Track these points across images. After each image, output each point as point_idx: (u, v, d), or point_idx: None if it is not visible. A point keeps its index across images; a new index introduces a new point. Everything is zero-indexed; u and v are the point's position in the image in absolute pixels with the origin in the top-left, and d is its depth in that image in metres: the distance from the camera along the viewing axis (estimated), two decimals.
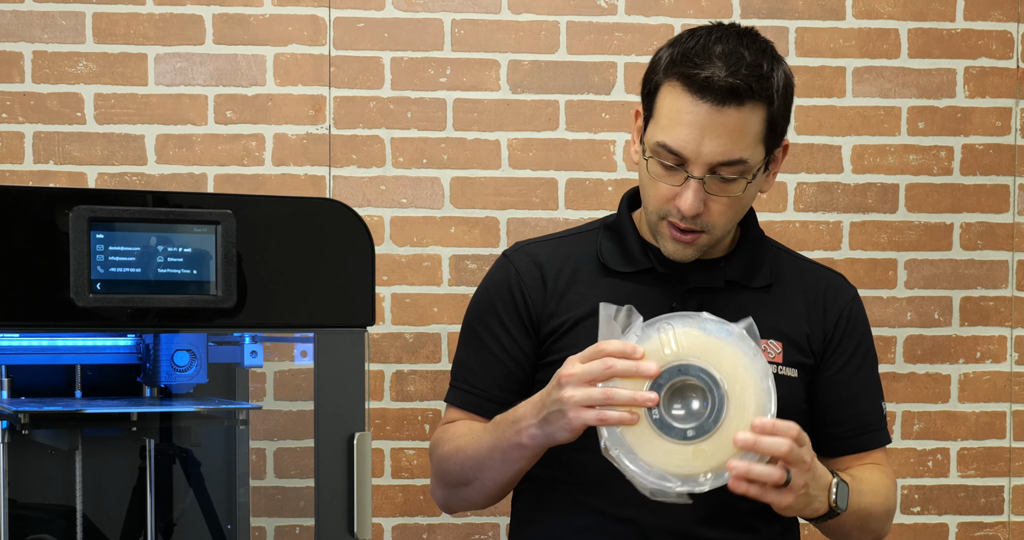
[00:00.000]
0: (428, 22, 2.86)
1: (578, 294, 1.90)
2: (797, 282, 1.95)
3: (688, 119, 1.76)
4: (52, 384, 2.36)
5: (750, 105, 1.77)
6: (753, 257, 1.94)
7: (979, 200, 2.99)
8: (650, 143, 1.80)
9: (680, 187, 1.78)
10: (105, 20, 2.79)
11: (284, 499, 2.84)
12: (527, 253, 1.95)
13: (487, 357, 1.92)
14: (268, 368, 2.81)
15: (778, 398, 1.84)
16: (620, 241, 1.93)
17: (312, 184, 2.84)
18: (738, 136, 1.77)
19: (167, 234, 2.00)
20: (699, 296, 1.88)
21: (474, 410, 1.93)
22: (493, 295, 1.95)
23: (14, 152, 2.77)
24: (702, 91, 1.75)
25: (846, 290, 1.99)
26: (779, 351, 1.90)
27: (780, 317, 1.91)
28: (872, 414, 1.98)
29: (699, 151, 1.76)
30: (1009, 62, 2.98)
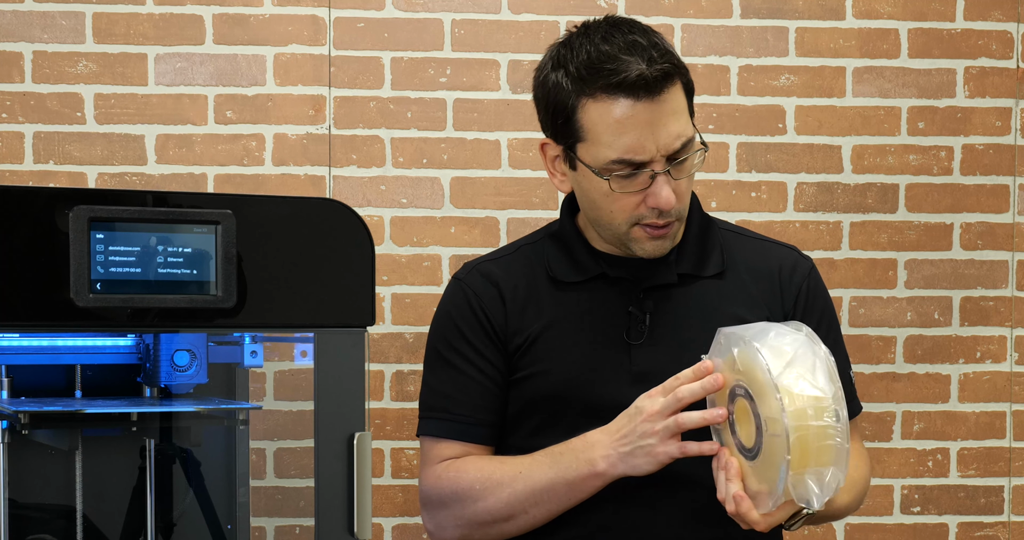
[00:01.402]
0: (428, 22, 2.86)
1: (535, 309, 1.87)
2: (750, 264, 1.92)
3: (632, 123, 1.73)
4: (52, 384, 2.36)
5: (674, 81, 1.75)
6: (702, 245, 1.91)
7: (979, 200, 2.99)
8: (599, 164, 1.75)
9: (648, 186, 1.76)
10: (105, 20, 2.79)
11: (284, 499, 2.84)
12: (480, 272, 1.92)
13: (464, 381, 1.89)
14: (268, 368, 2.81)
15: None
16: (567, 250, 1.90)
17: (312, 184, 2.84)
18: (678, 116, 1.75)
19: (167, 234, 2.00)
20: (654, 294, 1.87)
21: (464, 438, 1.89)
22: (456, 319, 1.90)
23: (14, 152, 2.77)
24: (636, 90, 1.71)
25: (800, 265, 1.95)
26: None
27: (738, 303, 1.89)
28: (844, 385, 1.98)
29: (656, 147, 1.73)
30: (1009, 62, 2.98)
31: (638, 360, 1.85)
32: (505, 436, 1.93)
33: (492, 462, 1.86)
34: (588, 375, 1.84)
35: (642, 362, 1.85)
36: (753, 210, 2.93)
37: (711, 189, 2.90)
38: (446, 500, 1.87)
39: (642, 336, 1.86)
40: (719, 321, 1.86)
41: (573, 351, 1.86)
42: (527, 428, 1.90)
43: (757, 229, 2.92)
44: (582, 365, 1.85)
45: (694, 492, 1.81)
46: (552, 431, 1.87)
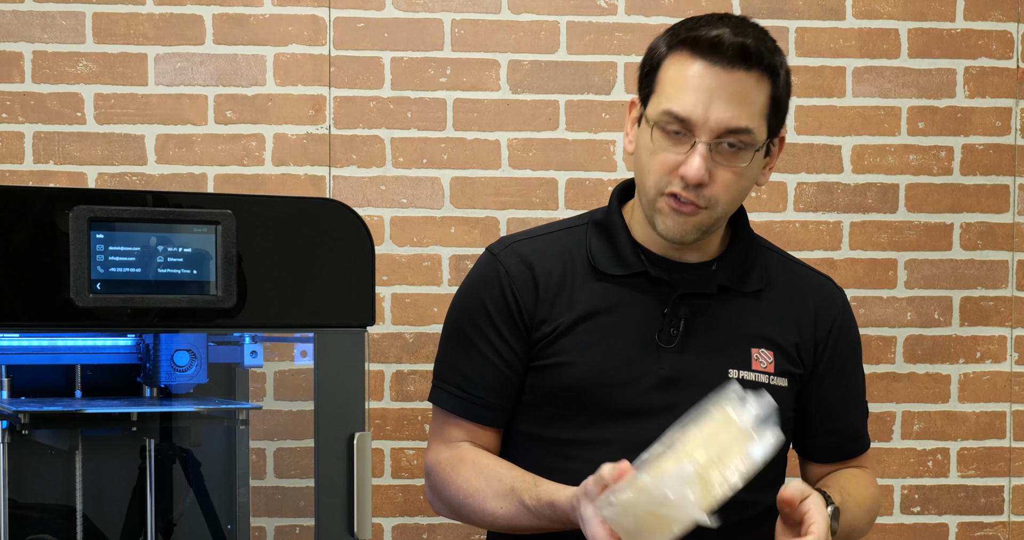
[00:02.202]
0: (428, 22, 2.86)
1: (569, 298, 1.86)
2: (788, 287, 1.93)
3: (696, 83, 1.74)
4: (52, 384, 2.36)
5: (757, 73, 1.76)
6: (744, 260, 1.91)
7: (979, 200, 2.99)
8: (654, 115, 1.77)
9: (686, 154, 1.75)
10: (105, 20, 2.79)
11: (284, 499, 2.84)
12: (516, 252, 1.90)
13: (479, 360, 1.88)
14: (268, 368, 2.81)
15: None
16: (611, 241, 1.89)
17: (312, 184, 2.84)
18: (745, 103, 1.75)
19: (167, 234, 2.00)
20: (690, 301, 1.86)
21: (470, 417, 1.89)
22: (483, 294, 1.89)
23: (14, 152, 2.77)
24: (712, 52, 1.74)
25: (836, 296, 1.97)
26: (771, 360, 1.88)
27: (771, 325, 1.89)
28: (858, 423, 1.99)
29: (707, 116, 1.73)
30: (1009, 62, 2.98)
31: (666, 364, 1.84)
32: (518, 421, 1.91)
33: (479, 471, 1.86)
34: (614, 373, 1.83)
35: (670, 367, 1.83)
36: (753, 210, 2.93)
37: None
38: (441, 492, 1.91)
39: (673, 341, 1.84)
40: (750, 339, 1.85)
41: (602, 346, 1.84)
42: (543, 416, 1.88)
43: (757, 229, 2.91)
44: (609, 362, 1.84)
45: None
46: (568, 423, 1.86)
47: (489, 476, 1.85)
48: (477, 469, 1.86)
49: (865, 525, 1.93)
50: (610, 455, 1.81)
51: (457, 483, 1.87)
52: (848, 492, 1.87)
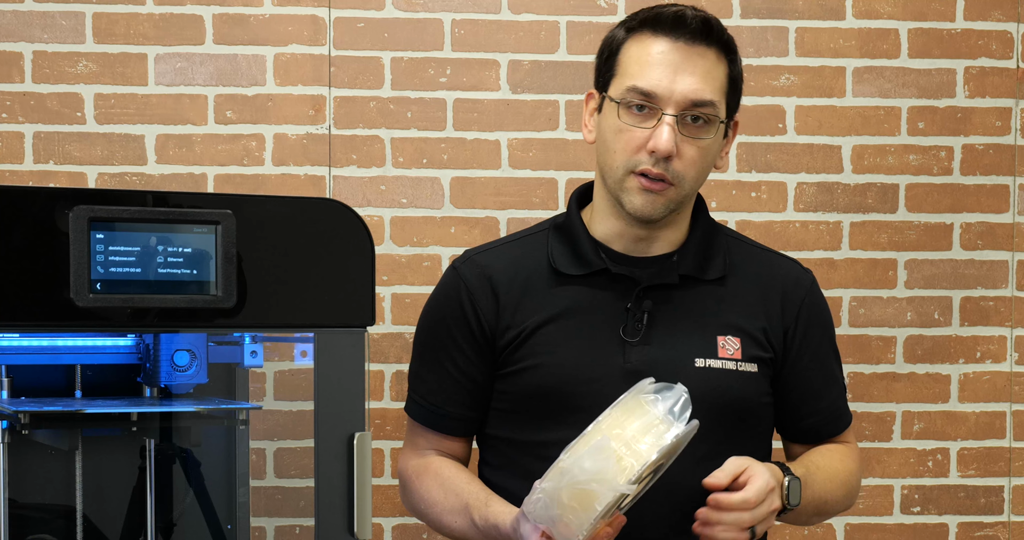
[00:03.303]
0: (428, 22, 2.86)
1: (533, 303, 1.89)
2: (752, 273, 1.94)
3: (660, 58, 1.79)
4: (52, 384, 2.35)
5: (716, 50, 1.82)
6: (706, 248, 1.93)
7: (979, 200, 2.99)
8: (618, 94, 1.81)
9: (652, 129, 1.79)
10: (105, 20, 2.79)
11: (284, 499, 2.84)
12: (476, 264, 1.94)
13: (442, 374, 1.94)
14: (268, 368, 2.81)
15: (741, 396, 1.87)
16: (571, 243, 1.91)
17: (312, 184, 2.84)
18: (708, 77, 1.80)
19: (167, 234, 1.99)
20: (653, 294, 1.87)
21: (434, 427, 1.97)
22: (444, 310, 1.95)
23: (14, 152, 2.77)
24: (674, 28, 1.79)
25: (802, 278, 1.97)
26: (737, 347, 1.89)
27: (737, 311, 1.90)
28: (838, 402, 2.00)
29: (672, 88, 1.78)
30: (1009, 62, 2.98)
31: (632, 358, 1.85)
32: (493, 427, 1.93)
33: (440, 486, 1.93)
34: (580, 371, 1.85)
35: (636, 360, 1.85)
36: (753, 210, 2.93)
37: (711, 189, 2.90)
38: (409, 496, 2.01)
39: (638, 334, 1.86)
40: (715, 326, 1.86)
41: (568, 346, 1.86)
42: (516, 421, 1.90)
43: (757, 229, 2.92)
44: (576, 360, 1.86)
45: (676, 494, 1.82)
46: (540, 425, 1.87)
47: (448, 489, 1.91)
48: (439, 481, 1.93)
49: (841, 497, 1.94)
50: None
51: (420, 492, 1.96)
52: (818, 465, 1.89)
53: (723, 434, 1.86)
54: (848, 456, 1.99)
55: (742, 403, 1.89)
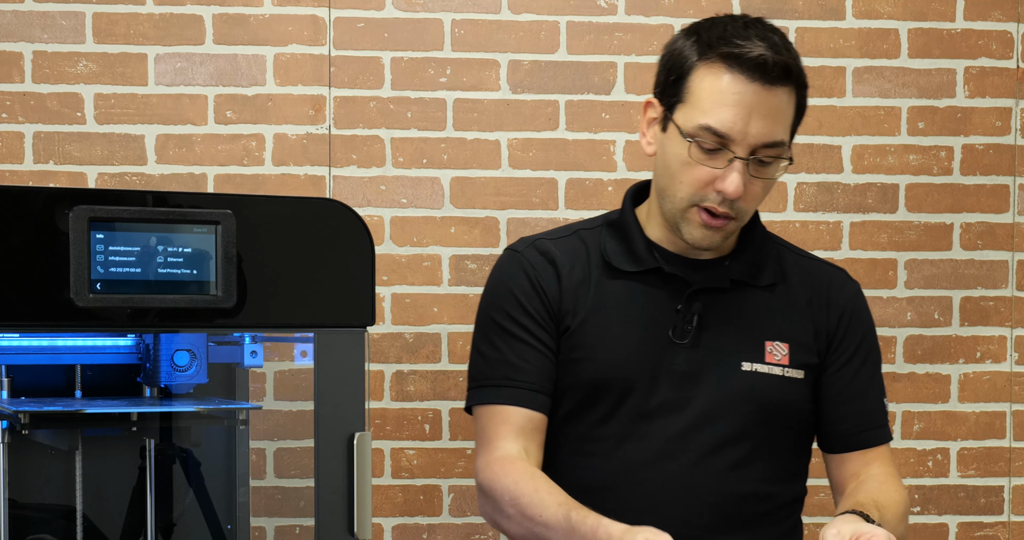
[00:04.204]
0: (428, 22, 2.86)
1: (586, 294, 1.88)
2: (801, 280, 1.94)
3: (736, 99, 1.75)
4: (52, 384, 2.35)
5: (789, 88, 1.78)
6: (757, 255, 1.93)
7: (979, 200, 2.99)
8: (689, 127, 1.77)
9: (722, 170, 1.76)
10: (105, 20, 2.79)
11: (284, 499, 2.84)
12: (537, 249, 1.92)
13: (523, 348, 1.87)
14: (268, 368, 2.81)
15: (785, 402, 1.85)
16: (625, 240, 1.91)
17: (312, 184, 2.84)
18: (780, 117, 1.78)
19: (167, 234, 1.99)
20: (704, 296, 1.87)
21: (525, 404, 1.87)
22: (512, 286, 1.90)
23: (14, 152, 2.77)
24: (753, 71, 1.74)
25: (849, 286, 1.98)
26: (785, 353, 1.89)
27: (786, 317, 1.90)
28: (875, 411, 1.98)
29: (746, 132, 1.75)
30: (1009, 62, 2.98)
31: (680, 360, 1.85)
32: None
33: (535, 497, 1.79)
34: (629, 369, 1.84)
35: (684, 362, 1.85)
36: None
37: None
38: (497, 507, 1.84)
39: (687, 336, 1.85)
40: (764, 332, 1.86)
41: (617, 342, 1.85)
42: (560, 412, 1.89)
43: None
44: (624, 358, 1.85)
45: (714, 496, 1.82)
46: (584, 419, 1.87)
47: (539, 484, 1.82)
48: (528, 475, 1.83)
49: (904, 532, 1.91)
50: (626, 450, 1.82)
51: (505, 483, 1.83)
52: (883, 505, 1.85)
53: (764, 439, 1.86)
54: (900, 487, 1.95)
55: (786, 409, 1.88)
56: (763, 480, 1.88)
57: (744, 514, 1.86)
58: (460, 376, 2.85)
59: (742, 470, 1.84)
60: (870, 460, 1.97)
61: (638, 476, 1.83)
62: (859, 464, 1.96)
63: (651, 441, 1.84)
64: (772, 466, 1.89)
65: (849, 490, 1.93)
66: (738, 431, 1.85)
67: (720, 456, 1.84)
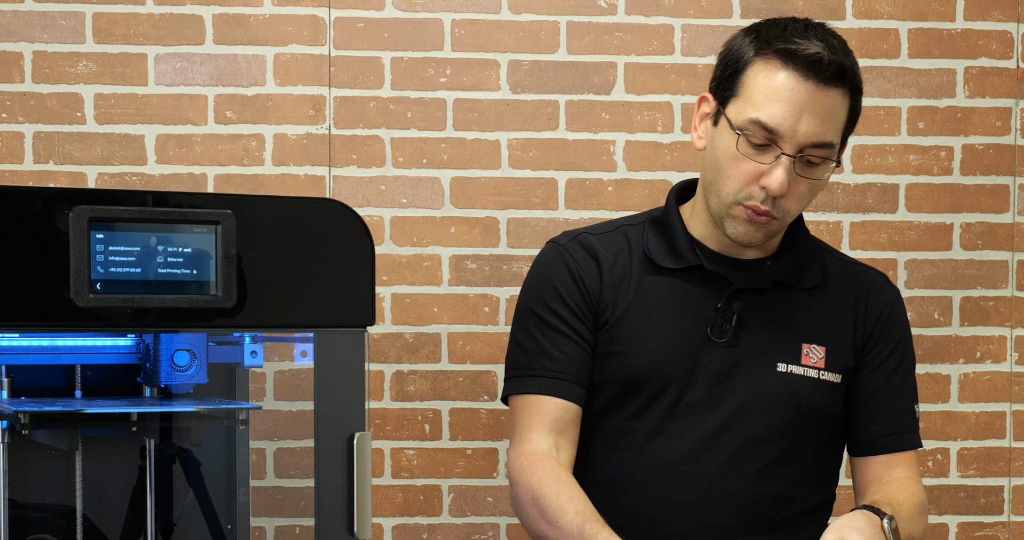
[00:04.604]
0: (428, 22, 2.86)
1: (627, 289, 1.88)
2: (842, 283, 1.94)
3: (788, 96, 1.74)
4: (52, 384, 2.35)
5: (844, 90, 1.77)
6: (800, 257, 1.92)
7: (979, 200, 2.99)
8: (740, 121, 1.77)
9: (769, 166, 1.76)
10: (105, 20, 2.79)
11: (284, 499, 2.84)
12: (580, 243, 1.93)
13: (561, 340, 1.88)
14: (268, 368, 2.81)
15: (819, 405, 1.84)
16: (668, 237, 1.91)
17: (312, 184, 2.84)
18: (832, 118, 1.77)
19: (167, 234, 1.99)
20: (745, 296, 1.87)
21: (561, 395, 1.86)
22: (552, 278, 1.91)
23: (14, 152, 2.77)
24: (808, 68, 1.74)
25: (888, 290, 1.98)
26: (822, 356, 1.88)
27: (825, 321, 1.90)
28: (905, 416, 1.97)
29: (796, 129, 1.74)
30: (1009, 62, 2.98)
31: (717, 358, 1.85)
32: None
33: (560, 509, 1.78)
34: (666, 366, 1.85)
35: (720, 360, 1.85)
36: None
37: None
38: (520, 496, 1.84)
39: (726, 335, 1.86)
40: (802, 334, 1.86)
41: (656, 338, 1.86)
42: (594, 405, 1.89)
43: None
44: (662, 355, 1.85)
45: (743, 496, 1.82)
46: (618, 413, 1.87)
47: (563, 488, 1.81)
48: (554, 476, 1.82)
49: (921, 532, 1.90)
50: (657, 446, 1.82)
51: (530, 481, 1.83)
52: (899, 502, 1.85)
53: (796, 440, 1.86)
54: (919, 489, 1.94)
55: (819, 412, 1.88)
56: (792, 483, 1.88)
57: (770, 516, 1.86)
58: (460, 376, 2.86)
59: (771, 471, 1.84)
60: (895, 464, 1.96)
61: (667, 472, 1.84)
62: (884, 468, 1.95)
63: (683, 438, 1.84)
64: (802, 469, 1.89)
65: (869, 492, 1.92)
66: (770, 432, 1.85)
67: (750, 456, 1.84)
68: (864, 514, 1.72)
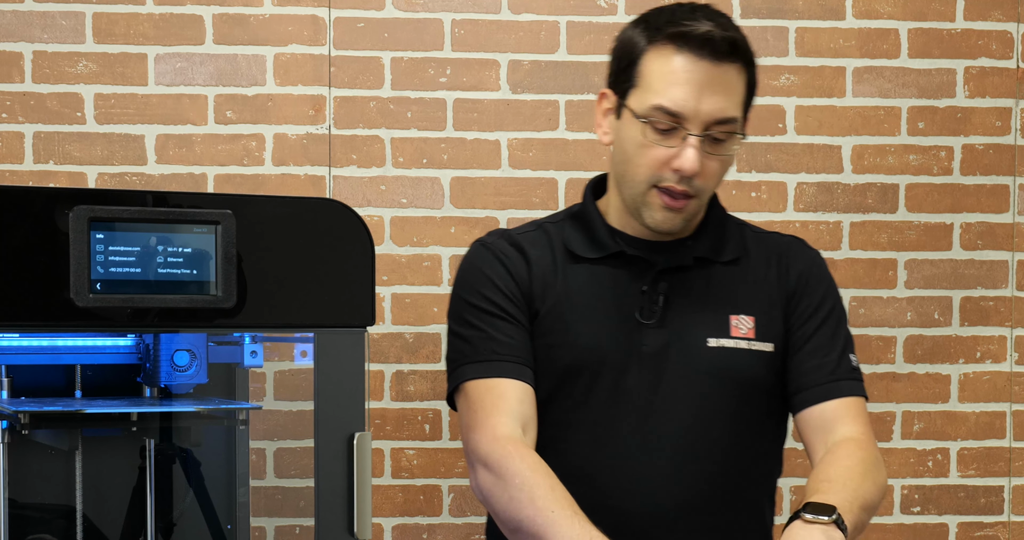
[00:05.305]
0: (428, 22, 2.86)
1: (553, 283, 1.90)
2: (762, 253, 1.96)
3: (686, 77, 1.77)
4: (52, 384, 2.36)
5: (739, 64, 1.81)
6: (720, 233, 1.94)
7: (979, 200, 2.98)
8: (642, 109, 1.80)
9: (677, 148, 1.79)
10: (105, 20, 2.79)
11: (284, 499, 2.84)
12: (507, 240, 1.95)
13: (504, 325, 1.87)
14: (268, 368, 2.81)
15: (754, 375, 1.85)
16: (587, 229, 1.93)
17: (312, 184, 2.84)
18: (732, 93, 1.80)
19: (167, 234, 1.99)
20: (669, 276, 1.89)
21: (517, 377, 1.84)
22: (486, 269, 1.91)
23: (14, 152, 2.77)
24: (701, 48, 1.77)
25: (807, 251, 1.99)
26: (751, 326, 1.90)
27: (751, 291, 1.91)
28: (840, 364, 1.93)
29: (698, 109, 1.77)
30: (1009, 62, 2.98)
31: (648, 340, 1.86)
32: None
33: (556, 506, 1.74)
34: (598, 352, 1.86)
35: (652, 342, 1.86)
36: (753, 210, 2.93)
37: None
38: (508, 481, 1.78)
39: (654, 316, 1.87)
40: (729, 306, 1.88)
41: (585, 326, 1.87)
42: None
43: None
44: (593, 341, 1.86)
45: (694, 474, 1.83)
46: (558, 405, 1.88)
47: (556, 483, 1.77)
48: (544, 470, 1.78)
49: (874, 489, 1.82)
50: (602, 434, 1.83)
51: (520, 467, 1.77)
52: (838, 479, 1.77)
53: (737, 413, 1.87)
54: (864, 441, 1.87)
55: (755, 382, 1.89)
56: (738, 455, 1.88)
57: (722, 489, 1.87)
58: None
59: (716, 446, 1.85)
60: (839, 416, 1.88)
61: (615, 459, 1.84)
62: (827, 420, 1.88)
63: (625, 423, 1.85)
64: (746, 440, 1.89)
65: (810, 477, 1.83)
66: (709, 407, 1.86)
67: (694, 433, 1.85)
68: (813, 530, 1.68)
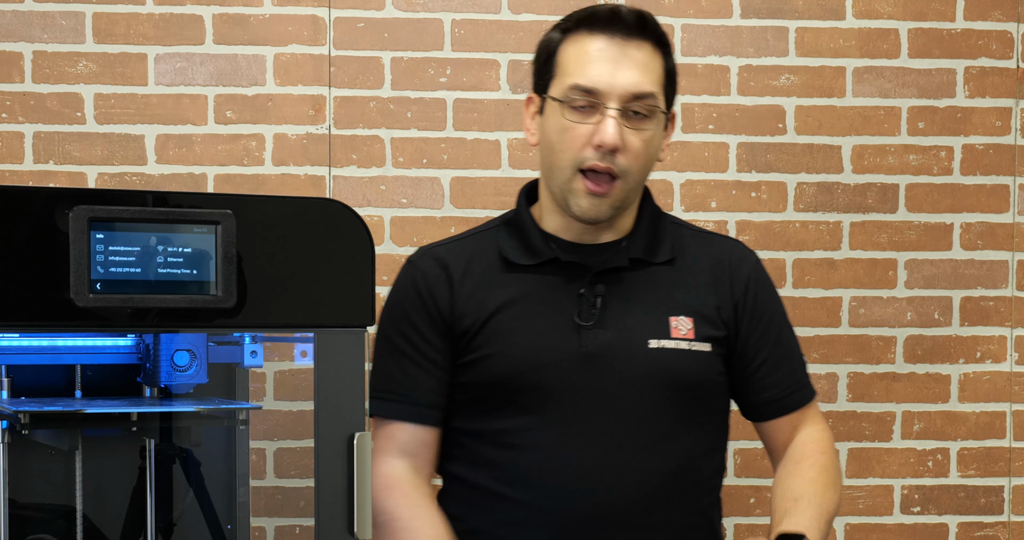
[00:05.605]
0: (428, 22, 2.86)
1: (485, 293, 1.92)
2: (699, 254, 1.98)
3: (598, 55, 1.83)
4: (52, 384, 2.35)
5: (652, 45, 1.85)
6: (654, 233, 1.96)
7: (979, 200, 2.99)
8: (560, 93, 1.84)
9: (597, 124, 1.82)
10: (105, 20, 2.79)
11: (284, 499, 2.84)
12: (431, 256, 1.99)
13: (408, 364, 1.94)
14: (268, 368, 2.81)
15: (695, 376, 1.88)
16: (521, 236, 1.96)
17: (312, 184, 2.84)
18: (646, 69, 1.84)
19: (167, 234, 1.99)
20: (605, 278, 1.90)
21: (409, 419, 1.94)
22: (403, 301, 1.97)
23: (14, 152, 2.77)
24: (609, 25, 1.83)
25: (748, 256, 2.02)
26: (690, 327, 1.92)
27: (687, 291, 1.93)
28: (800, 370, 2.02)
29: (613, 83, 1.81)
30: (1009, 62, 2.98)
31: (587, 341, 1.87)
32: (454, 420, 1.95)
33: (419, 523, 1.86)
34: (537, 358, 1.88)
35: (591, 343, 1.87)
36: (753, 210, 2.93)
37: (711, 189, 2.90)
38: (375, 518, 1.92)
39: (592, 318, 1.88)
40: (667, 307, 1.90)
41: (523, 333, 1.89)
42: (478, 411, 1.93)
43: (757, 229, 2.92)
44: (532, 347, 1.88)
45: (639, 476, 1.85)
46: (501, 413, 1.90)
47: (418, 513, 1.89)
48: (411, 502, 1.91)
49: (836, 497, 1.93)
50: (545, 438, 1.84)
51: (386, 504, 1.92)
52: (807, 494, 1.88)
53: (680, 413, 1.89)
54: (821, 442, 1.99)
55: (697, 382, 1.91)
56: (683, 455, 1.91)
57: (668, 490, 1.89)
58: None
59: (661, 447, 1.86)
60: (801, 421, 2.01)
61: (560, 462, 1.86)
62: (791, 427, 2.00)
63: (570, 426, 1.87)
64: (691, 440, 1.92)
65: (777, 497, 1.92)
66: (652, 408, 1.88)
67: (638, 435, 1.87)
68: None
